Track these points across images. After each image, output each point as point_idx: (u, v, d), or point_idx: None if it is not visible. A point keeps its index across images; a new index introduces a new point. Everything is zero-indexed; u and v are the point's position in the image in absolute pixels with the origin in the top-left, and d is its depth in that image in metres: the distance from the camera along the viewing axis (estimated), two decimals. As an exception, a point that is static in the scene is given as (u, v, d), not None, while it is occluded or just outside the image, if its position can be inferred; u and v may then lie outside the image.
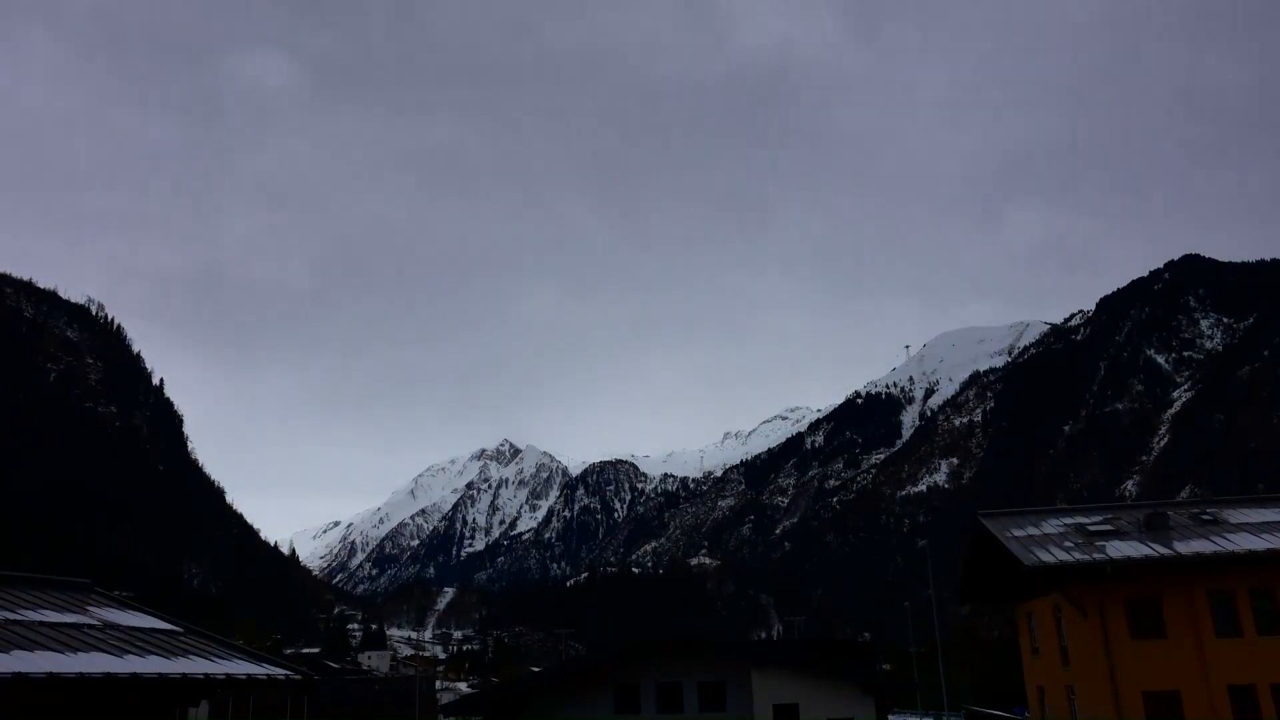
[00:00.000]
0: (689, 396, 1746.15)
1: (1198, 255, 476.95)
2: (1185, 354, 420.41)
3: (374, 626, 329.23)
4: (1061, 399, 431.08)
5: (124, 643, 21.03)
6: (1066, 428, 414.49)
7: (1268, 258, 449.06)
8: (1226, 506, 41.93)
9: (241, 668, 21.83)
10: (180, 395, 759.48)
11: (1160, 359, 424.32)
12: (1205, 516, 39.33)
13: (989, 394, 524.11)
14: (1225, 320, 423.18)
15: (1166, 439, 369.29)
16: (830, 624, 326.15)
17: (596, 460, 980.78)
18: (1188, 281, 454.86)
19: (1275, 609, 35.00)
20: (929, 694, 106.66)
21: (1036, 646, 43.58)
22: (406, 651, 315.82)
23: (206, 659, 21.75)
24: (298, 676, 23.59)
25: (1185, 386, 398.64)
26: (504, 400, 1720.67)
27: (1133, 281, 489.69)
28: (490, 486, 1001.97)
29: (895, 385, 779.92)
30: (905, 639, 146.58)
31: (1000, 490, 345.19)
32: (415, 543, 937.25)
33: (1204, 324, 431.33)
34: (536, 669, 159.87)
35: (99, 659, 19.14)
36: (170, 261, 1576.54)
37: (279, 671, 22.88)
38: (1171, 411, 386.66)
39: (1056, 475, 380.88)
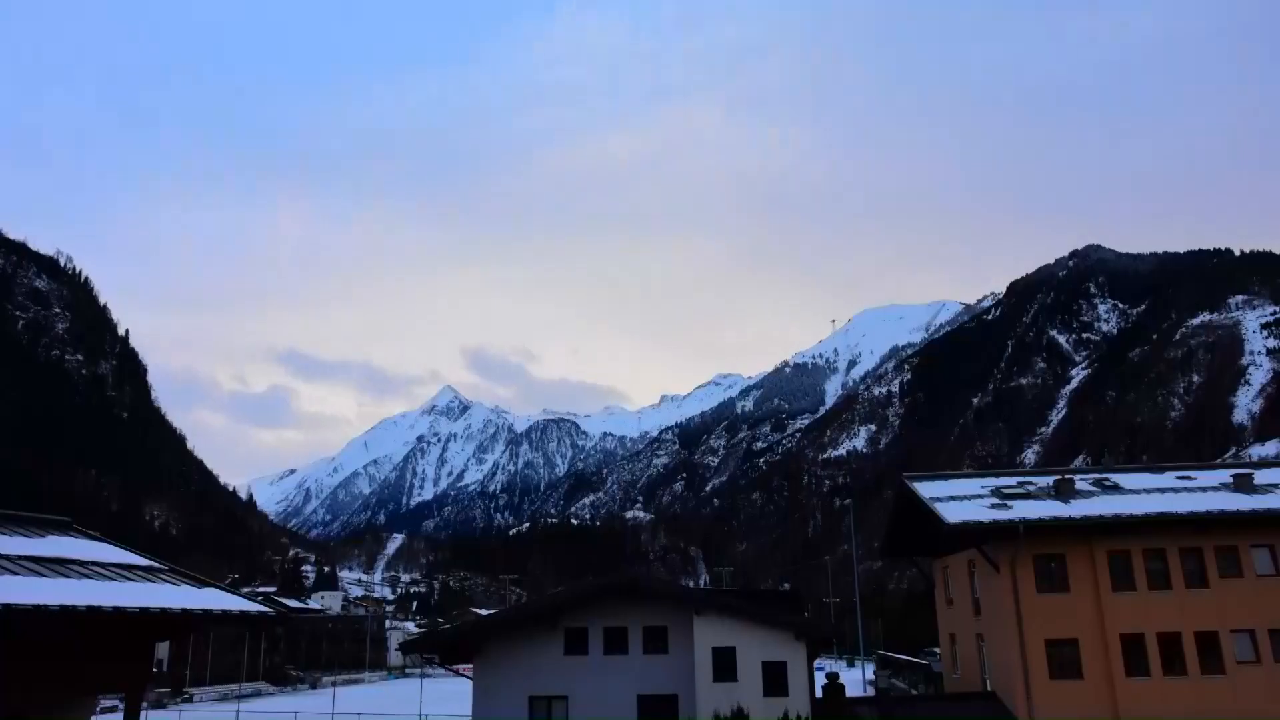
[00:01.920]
0: (629, 362, 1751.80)
1: (1099, 245, 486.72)
2: (1084, 336, 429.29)
3: (326, 569, 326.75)
4: (972, 373, 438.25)
5: (106, 577, 20.58)
6: (975, 400, 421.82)
7: (1160, 250, 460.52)
8: (1125, 473, 43.05)
9: (219, 603, 21.48)
10: (144, 345, 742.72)
11: (1062, 339, 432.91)
12: (1107, 483, 40.32)
13: (906, 367, 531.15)
14: (1120, 306, 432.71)
15: (1064, 413, 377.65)
16: (755, 576, 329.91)
17: (540, 418, 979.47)
18: (1089, 269, 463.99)
19: (1164, 567, 36.07)
20: (845, 639, 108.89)
21: (951, 598, 44.40)
22: (357, 593, 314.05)
23: (185, 594, 21.39)
24: (270, 612, 23.31)
25: (1083, 365, 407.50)
26: (455, 358, 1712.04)
27: (1040, 267, 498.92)
28: (439, 440, 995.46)
29: (821, 356, 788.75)
30: (823, 590, 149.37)
31: (913, 456, 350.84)
32: (367, 491, 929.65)
33: (1101, 309, 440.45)
34: (481, 611, 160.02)
35: (83, 592, 18.70)
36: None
37: (253, 607, 22.58)
38: (1070, 388, 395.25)
39: (964, 443, 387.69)
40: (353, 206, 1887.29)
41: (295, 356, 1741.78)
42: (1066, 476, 40.74)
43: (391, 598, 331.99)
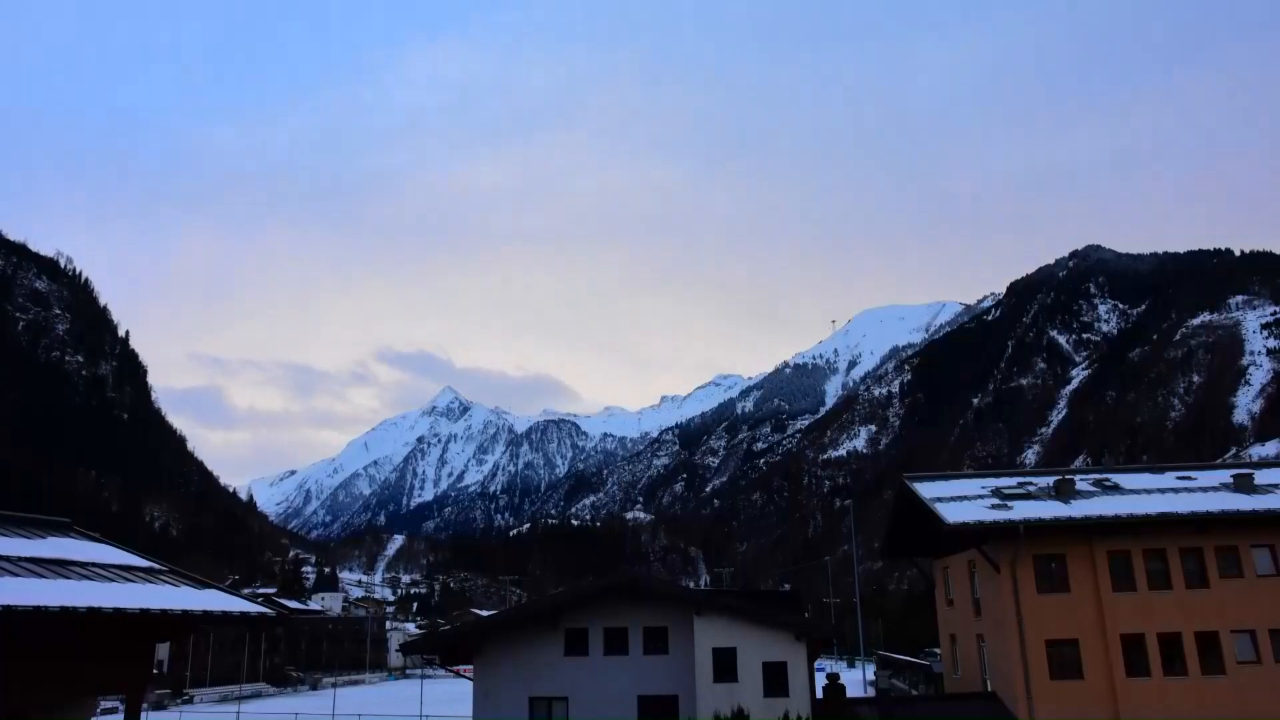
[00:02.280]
0: (630, 362, 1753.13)
1: (1099, 245, 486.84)
2: (1084, 336, 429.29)
3: (327, 570, 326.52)
4: (972, 374, 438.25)
5: (106, 578, 20.58)
6: (975, 400, 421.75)
7: (1160, 250, 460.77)
8: (1125, 473, 43.00)
9: (219, 604, 21.49)
10: (144, 347, 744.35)
11: (1062, 340, 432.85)
12: (1107, 483, 40.28)
13: (907, 367, 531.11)
14: (1120, 306, 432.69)
15: (1064, 413, 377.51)
16: (755, 576, 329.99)
17: (541, 419, 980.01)
18: (1089, 270, 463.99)
19: (1165, 567, 36.02)
20: (845, 640, 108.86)
21: (951, 599, 44.33)
22: (358, 594, 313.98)
23: (185, 596, 21.39)
24: (271, 613, 23.31)
25: (1083, 365, 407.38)
26: (455, 358, 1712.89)
27: (1040, 267, 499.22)
28: (440, 441, 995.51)
29: (821, 357, 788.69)
30: (824, 590, 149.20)
31: (913, 456, 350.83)
32: (367, 492, 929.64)
33: (1102, 309, 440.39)
34: (481, 612, 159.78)
35: (83, 594, 18.70)
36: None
37: (253, 608, 22.59)
38: (1070, 388, 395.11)
39: (965, 443, 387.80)
40: (253, 225, 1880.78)
41: (208, 359, 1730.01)
42: (1067, 477, 40.70)
43: (392, 598, 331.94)
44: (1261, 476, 40.14)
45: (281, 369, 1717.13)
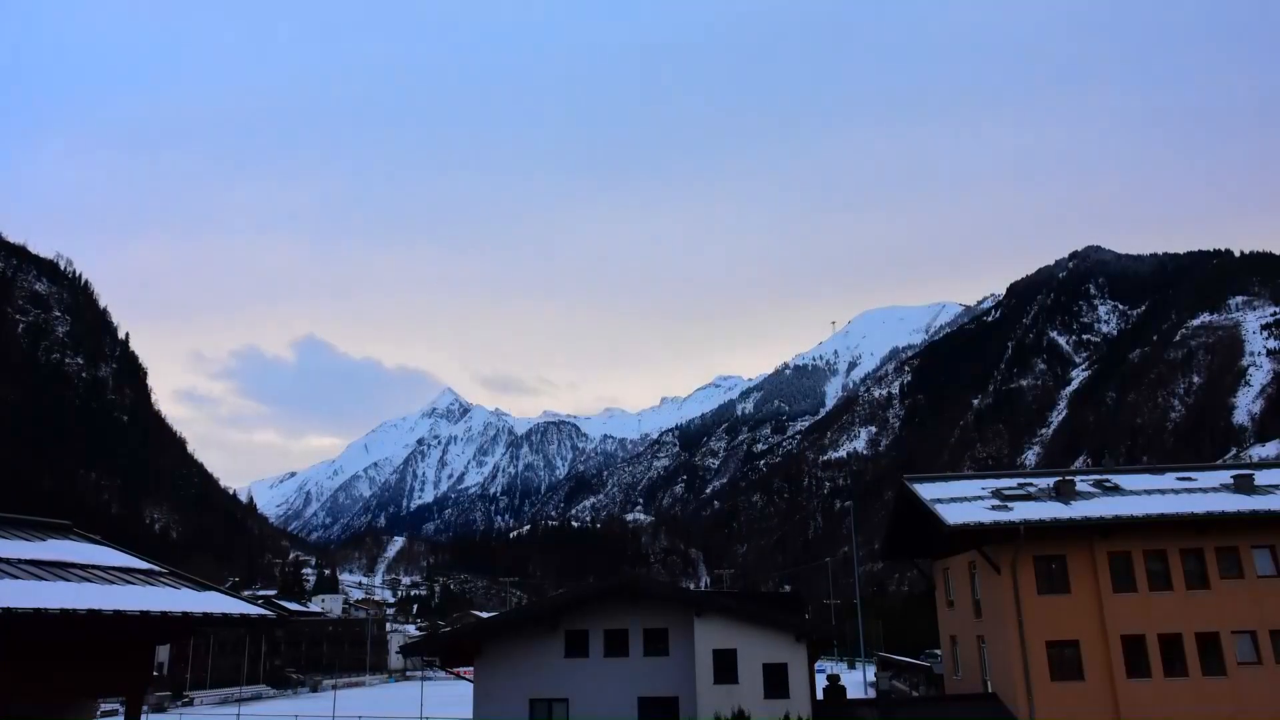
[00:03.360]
0: (630, 363, 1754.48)
1: (1099, 246, 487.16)
2: (1084, 337, 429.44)
3: (327, 571, 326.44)
4: (972, 375, 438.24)
5: (106, 581, 20.57)
6: (975, 401, 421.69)
7: (1160, 250, 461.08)
8: (1125, 474, 42.95)
9: (219, 606, 21.47)
10: (145, 349, 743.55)
11: (1062, 340, 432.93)
12: (1108, 484, 40.26)
13: (907, 368, 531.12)
14: (1120, 307, 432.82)
15: (1064, 414, 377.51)
16: (755, 577, 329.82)
17: (541, 420, 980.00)
18: (1089, 270, 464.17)
19: (1165, 568, 35.99)
20: (845, 641, 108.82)
21: (951, 600, 44.26)
22: (358, 595, 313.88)
23: (185, 598, 21.37)
24: (271, 615, 23.29)
25: (1083, 366, 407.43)
26: (455, 360, 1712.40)
27: (1040, 268, 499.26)
28: (440, 443, 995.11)
29: (821, 358, 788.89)
30: (824, 592, 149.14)
31: (913, 457, 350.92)
32: (367, 494, 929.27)
33: (1102, 310, 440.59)
34: (482, 614, 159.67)
35: (83, 596, 18.69)
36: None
37: (254, 610, 22.57)
38: (1070, 389, 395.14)
39: (965, 445, 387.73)
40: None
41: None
42: (1067, 478, 40.65)
43: (392, 600, 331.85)
44: (1261, 477, 40.11)
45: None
